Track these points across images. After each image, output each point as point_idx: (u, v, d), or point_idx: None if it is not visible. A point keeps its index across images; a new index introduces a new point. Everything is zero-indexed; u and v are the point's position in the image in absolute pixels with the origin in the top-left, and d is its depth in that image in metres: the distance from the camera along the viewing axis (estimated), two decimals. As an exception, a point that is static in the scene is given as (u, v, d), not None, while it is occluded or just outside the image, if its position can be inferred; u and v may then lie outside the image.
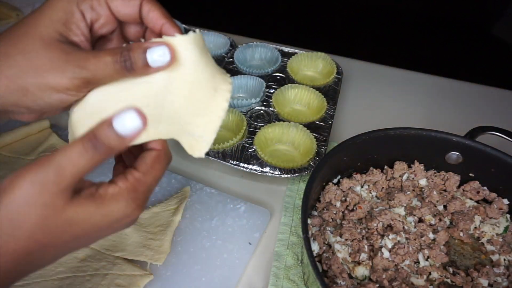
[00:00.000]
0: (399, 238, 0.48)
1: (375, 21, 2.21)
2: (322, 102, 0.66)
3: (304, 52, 0.77)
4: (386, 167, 0.56)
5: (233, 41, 0.81)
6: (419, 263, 0.47)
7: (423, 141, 0.52)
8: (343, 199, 0.52)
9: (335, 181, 0.54)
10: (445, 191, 0.54)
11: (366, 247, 0.47)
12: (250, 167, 0.57)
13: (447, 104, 0.76)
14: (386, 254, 0.47)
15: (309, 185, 0.45)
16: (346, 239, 0.48)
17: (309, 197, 0.44)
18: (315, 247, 0.47)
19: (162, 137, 0.31)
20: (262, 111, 0.66)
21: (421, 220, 0.51)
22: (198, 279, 0.47)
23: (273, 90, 0.69)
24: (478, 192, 0.52)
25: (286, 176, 0.56)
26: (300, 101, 0.69)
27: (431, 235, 0.49)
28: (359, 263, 0.46)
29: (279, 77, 0.73)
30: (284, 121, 0.63)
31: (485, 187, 0.52)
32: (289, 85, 0.68)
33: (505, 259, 0.48)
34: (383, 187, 0.54)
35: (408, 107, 0.75)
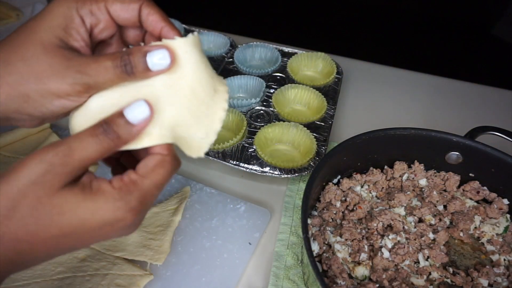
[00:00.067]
0: (399, 238, 0.48)
1: (375, 21, 2.21)
2: (322, 102, 0.66)
3: (304, 52, 0.77)
4: (386, 167, 0.56)
5: (233, 41, 0.81)
6: (419, 263, 0.47)
7: (423, 141, 0.52)
8: (343, 199, 0.52)
9: (335, 181, 0.54)
10: (445, 191, 0.54)
11: (366, 247, 0.47)
12: (250, 167, 0.57)
13: (447, 104, 0.76)
14: (386, 254, 0.47)
15: (309, 185, 0.45)
16: (346, 239, 0.48)
17: (309, 197, 0.44)
18: (315, 247, 0.47)
19: (165, 141, 0.30)
20: (262, 111, 0.66)
21: (421, 220, 0.51)
22: (198, 279, 0.47)
23: (273, 90, 0.69)
24: (478, 192, 0.52)
25: (286, 176, 0.56)
26: (300, 101, 0.69)
27: (431, 235, 0.49)
28: (359, 263, 0.46)
29: (279, 77, 0.73)
30: (284, 121, 0.63)
31: (485, 187, 0.52)
32: (289, 85, 0.68)
33: (505, 259, 0.48)
34: (383, 187, 0.54)
35: (408, 107, 0.75)
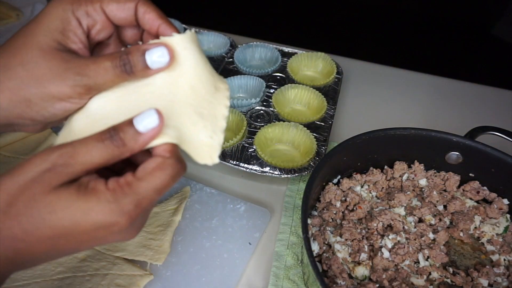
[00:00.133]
0: (399, 238, 0.48)
1: (375, 21, 2.21)
2: (322, 102, 0.66)
3: (304, 52, 0.77)
4: (386, 167, 0.56)
5: (233, 41, 0.81)
6: (419, 263, 0.47)
7: (423, 141, 0.52)
8: (343, 199, 0.52)
9: (335, 181, 0.54)
10: (445, 191, 0.54)
11: (366, 247, 0.47)
12: (250, 167, 0.57)
13: (447, 104, 0.76)
14: (386, 254, 0.47)
15: (309, 185, 0.45)
16: (346, 239, 0.48)
17: (309, 197, 0.44)
18: (315, 247, 0.47)
19: (168, 140, 0.28)
20: (262, 111, 0.66)
21: (421, 220, 0.51)
22: (198, 279, 0.47)
23: (273, 90, 0.69)
24: (478, 192, 0.52)
25: (286, 176, 0.56)
26: (300, 101, 0.69)
27: (431, 235, 0.49)
28: (359, 263, 0.46)
29: (279, 77, 0.73)
30: (284, 121, 0.63)
31: (485, 187, 0.52)
32: (289, 85, 0.68)
33: (505, 259, 0.48)
34: (383, 187, 0.54)
35: (408, 107, 0.75)
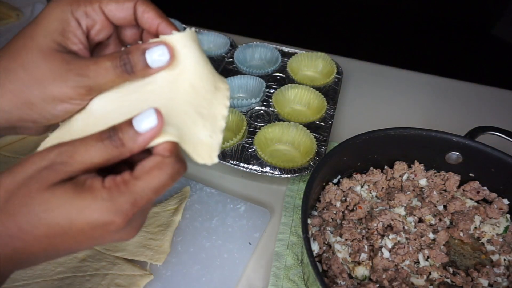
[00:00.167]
0: (399, 238, 0.48)
1: (375, 21, 2.21)
2: (322, 102, 0.66)
3: (304, 52, 0.77)
4: (386, 167, 0.56)
5: (233, 41, 0.81)
6: (419, 263, 0.47)
7: (423, 141, 0.52)
8: (343, 199, 0.52)
9: (335, 181, 0.54)
10: (445, 191, 0.54)
11: (366, 247, 0.47)
12: (250, 167, 0.57)
13: (447, 104, 0.76)
14: (386, 254, 0.47)
15: (309, 185, 0.45)
16: (346, 239, 0.48)
17: (309, 197, 0.44)
18: (315, 247, 0.47)
19: (169, 138, 0.28)
20: (262, 111, 0.66)
21: (421, 220, 0.51)
22: (198, 279, 0.47)
23: (273, 90, 0.69)
24: (478, 192, 0.52)
25: (286, 176, 0.56)
26: (300, 101, 0.69)
27: (431, 235, 0.49)
28: (359, 263, 0.46)
29: (279, 77, 0.73)
30: (284, 121, 0.63)
31: (485, 187, 0.52)
32: (289, 85, 0.68)
33: (505, 259, 0.48)
34: (383, 187, 0.54)
35: (408, 107, 0.75)
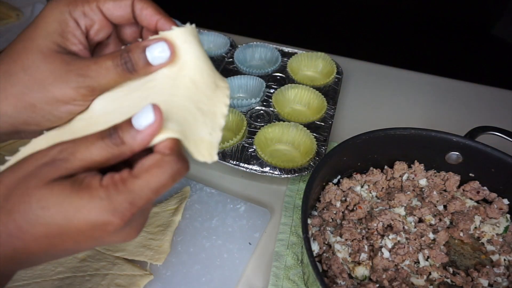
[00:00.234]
0: (399, 238, 0.48)
1: (375, 21, 2.21)
2: (322, 102, 0.66)
3: (304, 52, 0.77)
4: (386, 167, 0.56)
5: (233, 41, 0.81)
6: (419, 263, 0.47)
7: (423, 141, 0.52)
8: (343, 199, 0.52)
9: (335, 181, 0.54)
10: (445, 191, 0.54)
11: (366, 247, 0.47)
12: (250, 167, 0.57)
13: (447, 104, 0.76)
14: (386, 254, 0.47)
15: (309, 185, 0.45)
16: (346, 239, 0.48)
17: (309, 197, 0.44)
18: (315, 247, 0.47)
19: (171, 134, 0.27)
20: (262, 111, 0.66)
21: (421, 220, 0.51)
22: (198, 279, 0.47)
23: (273, 90, 0.69)
24: (478, 192, 0.52)
25: (286, 176, 0.56)
26: (300, 101, 0.69)
27: (431, 235, 0.49)
28: (359, 263, 0.46)
29: (279, 77, 0.73)
30: (284, 121, 0.63)
31: (485, 187, 0.52)
32: (289, 85, 0.68)
33: (505, 259, 0.48)
34: (383, 187, 0.54)
35: (408, 107, 0.75)
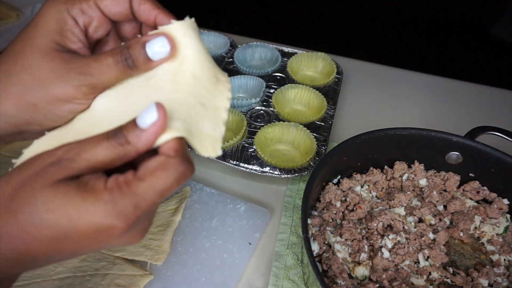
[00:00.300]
0: (399, 238, 0.48)
1: (375, 21, 2.21)
2: (322, 102, 0.66)
3: (304, 52, 0.77)
4: (386, 167, 0.56)
5: (233, 41, 0.81)
6: (419, 263, 0.47)
7: (423, 141, 0.52)
8: (343, 199, 0.52)
9: (335, 181, 0.54)
10: (445, 191, 0.54)
11: (366, 247, 0.47)
12: (250, 167, 0.57)
13: (447, 104, 0.76)
14: (386, 254, 0.47)
15: (309, 185, 0.45)
16: (346, 239, 0.48)
17: (309, 197, 0.44)
18: (315, 247, 0.47)
19: (177, 134, 0.26)
20: (262, 111, 0.66)
21: (421, 220, 0.51)
22: (198, 279, 0.47)
23: (273, 90, 0.69)
24: (478, 192, 0.52)
25: (286, 176, 0.56)
26: (300, 101, 0.69)
27: (431, 235, 0.49)
28: (359, 263, 0.46)
29: (279, 77, 0.73)
30: (284, 121, 0.63)
31: (485, 187, 0.52)
32: (289, 85, 0.68)
33: (505, 259, 0.48)
34: (383, 187, 0.54)
35: (408, 107, 0.75)
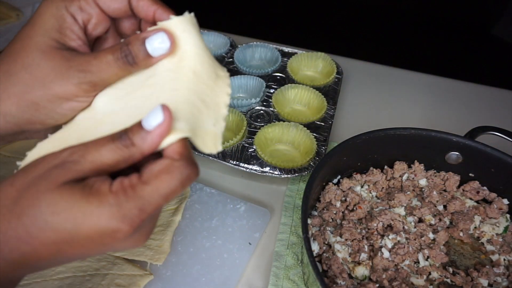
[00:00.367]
0: (399, 238, 0.48)
1: (375, 21, 2.21)
2: (322, 102, 0.66)
3: (304, 52, 0.77)
4: (386, 167, 0.56)
5: (233, 41, 0.81)
6: (419, 263, 0.47)
7: (423, 141, 0.52)
8: (343, 199, 0.52)
9: (335, 181, 0.54)
10: (445, 191, 0.54)
11: (366, 247, 0.47)
12: (250, 167, 0.57)
13: (447, 104, 0.76)
14: (386, 254, 0.47)
15: (309, 185, 0.45)
16: (346, 239, 0.48)
17: (309, 197, 0.44)
18: (315, 247, 0.47)
19: (181, 134, 0.26)
20: (262, 111, 0.66)
21: (421, 220, 0.51)
22: (198, 279, 0.47)
23: (273, 90, 0.69)
24: (478, 192, 0.52)
25: (286, 176, 0.56)
26: (300, 101, 0.69)
27: (431, 235, 0.49)
28: (359, 263, 0.46)
29: (279, 77, 0.73)
30: (284, 121, 0.63)
31: (485, 187, 0.52)
32: (289, 85, 0.68)
33: (505, 259, 0.48)
34: (383, 187, 0.54)
35: (408, 107, 0.75)
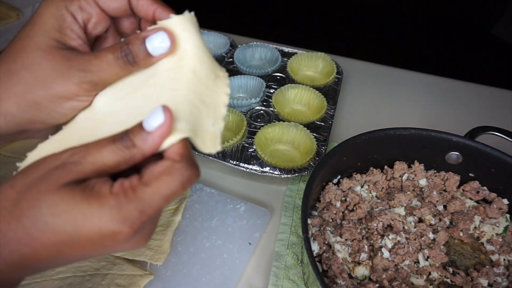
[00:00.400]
0: (399, 238, 0.48)
1: (375, 21, 2.21)
2: (322, 102, 0.66)
3: (304, 52, 0.77)
4: (386, 167, 0.56)
5: (233, 41, 0.81)
6: (419, 263, 0.47)
7: (423, 141, 0.52)
8: (343, 199, 0.52)
9: (335, 181, 0.54)
10: (445, 191, 0.54)
11: (366, 247, 0.47)
12: (250, 167, 0.57)
13: (447, 104, 0.76)
14: (386, 254, 0.47)
15: (309, 185, 0.45)
16: (346, 239, 0.48)
17: (309, 197, 0.44)
18: (315, 247, 0.47)
19: (182, 135, 0.26)
20: (262, 111, 0.66)
21: (421, 220, 0.51)
22: (198, 279, 0.47)
23: (273, 90, 0.69)
24: (478, 192, 0.52)
25: (286, 176, 0.56)
26: (300, 101, 0.69)
27: (431, 235, 0.49)
28: (359, 263, 0.46)
29: (279, 77, 0.73)
30: (284, 121, 0.63)
31: (485, 187, 0.52)
32: (289, 85, 0.68)
33: (504, 259, 0.48)
34: (383, 187, 0.54)
35: (408, 107, 0.75)
